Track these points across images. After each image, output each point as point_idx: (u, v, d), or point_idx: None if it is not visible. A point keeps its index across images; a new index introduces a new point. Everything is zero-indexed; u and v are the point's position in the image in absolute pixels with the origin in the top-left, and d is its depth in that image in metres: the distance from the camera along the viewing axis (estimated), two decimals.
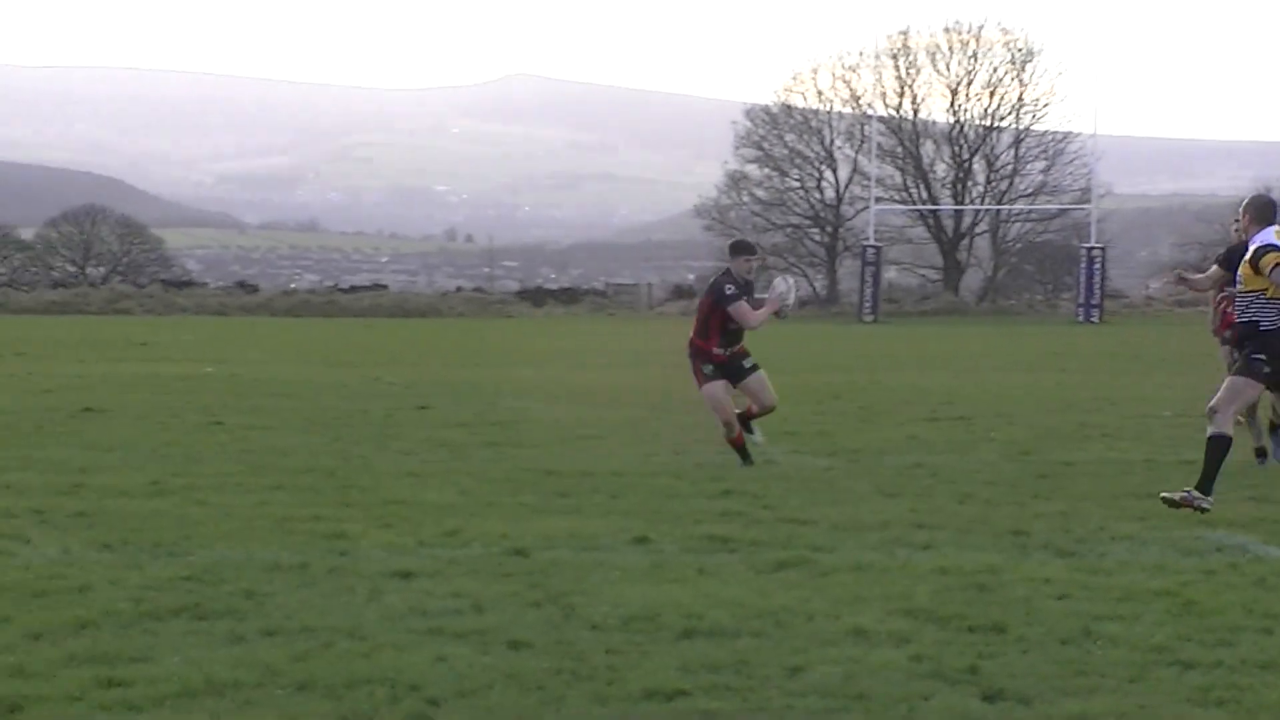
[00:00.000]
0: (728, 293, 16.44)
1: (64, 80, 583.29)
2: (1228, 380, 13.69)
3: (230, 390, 29.47)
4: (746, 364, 16.97)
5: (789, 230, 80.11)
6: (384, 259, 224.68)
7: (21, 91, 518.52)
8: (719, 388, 16.77)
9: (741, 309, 16.47)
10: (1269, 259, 13.29)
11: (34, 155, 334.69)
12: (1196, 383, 21.10)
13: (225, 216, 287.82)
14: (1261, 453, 16.78)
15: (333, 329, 68.11)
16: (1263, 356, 13.49)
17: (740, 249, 17.37)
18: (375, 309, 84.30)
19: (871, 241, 67.04)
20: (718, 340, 16.86)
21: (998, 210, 72.78)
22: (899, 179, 77.70)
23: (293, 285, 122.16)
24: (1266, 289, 13.41)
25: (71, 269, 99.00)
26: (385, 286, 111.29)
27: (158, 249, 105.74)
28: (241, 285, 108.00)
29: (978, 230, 78.19)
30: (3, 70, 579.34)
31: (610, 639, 8.96)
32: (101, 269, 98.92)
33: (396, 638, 8.97)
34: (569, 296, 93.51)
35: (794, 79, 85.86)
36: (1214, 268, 16.48)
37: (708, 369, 16.81)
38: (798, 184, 79.09)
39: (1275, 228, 13.75)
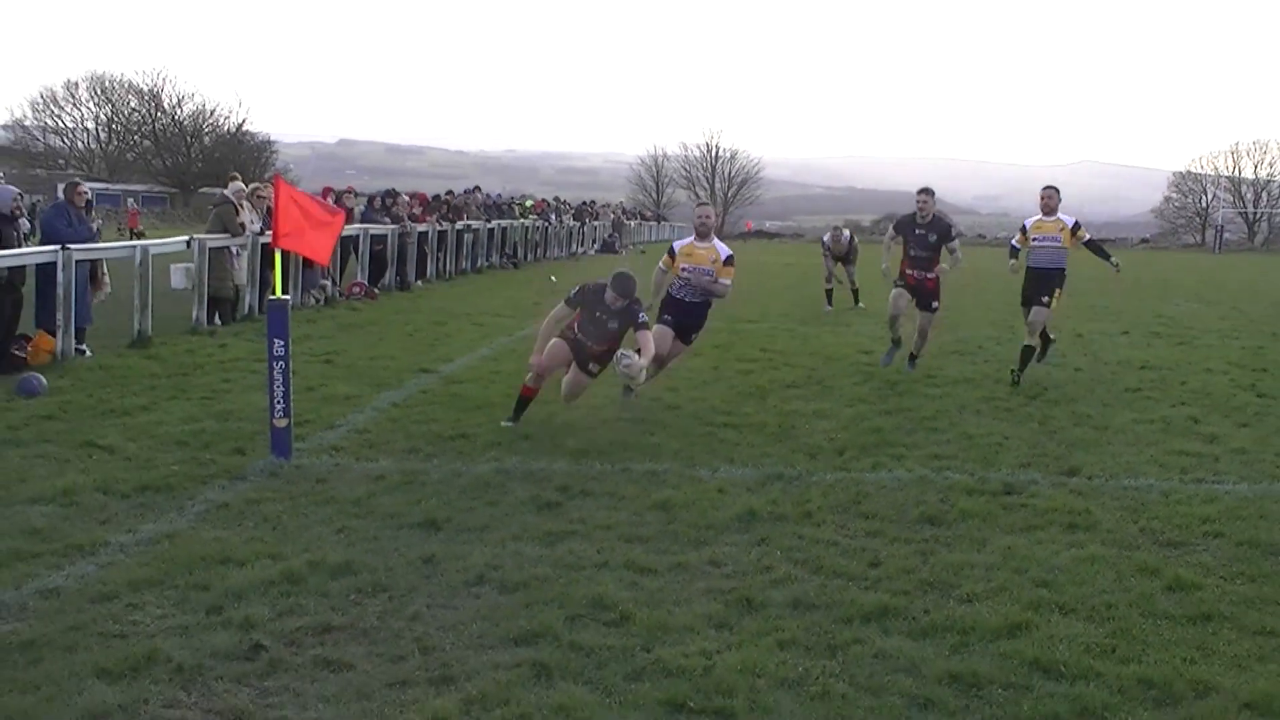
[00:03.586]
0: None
1: None
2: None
3: None
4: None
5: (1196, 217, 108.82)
6: None
7: None
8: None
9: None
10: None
11: None
12: None
13: None
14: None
15: None
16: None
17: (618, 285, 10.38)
18: None
19: (1220, 224, 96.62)
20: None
21: (1271, 211, 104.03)
22: (1231, 199, 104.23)
23: None
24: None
25: None
26: None
27: None
28: None
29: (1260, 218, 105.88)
30: None
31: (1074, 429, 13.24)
32: None
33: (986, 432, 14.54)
34: None
35: (1192, 160, 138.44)
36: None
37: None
38: (1192, 201, 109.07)
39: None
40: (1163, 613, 6.11)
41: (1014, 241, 14.28)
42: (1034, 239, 13.70)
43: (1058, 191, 13.93)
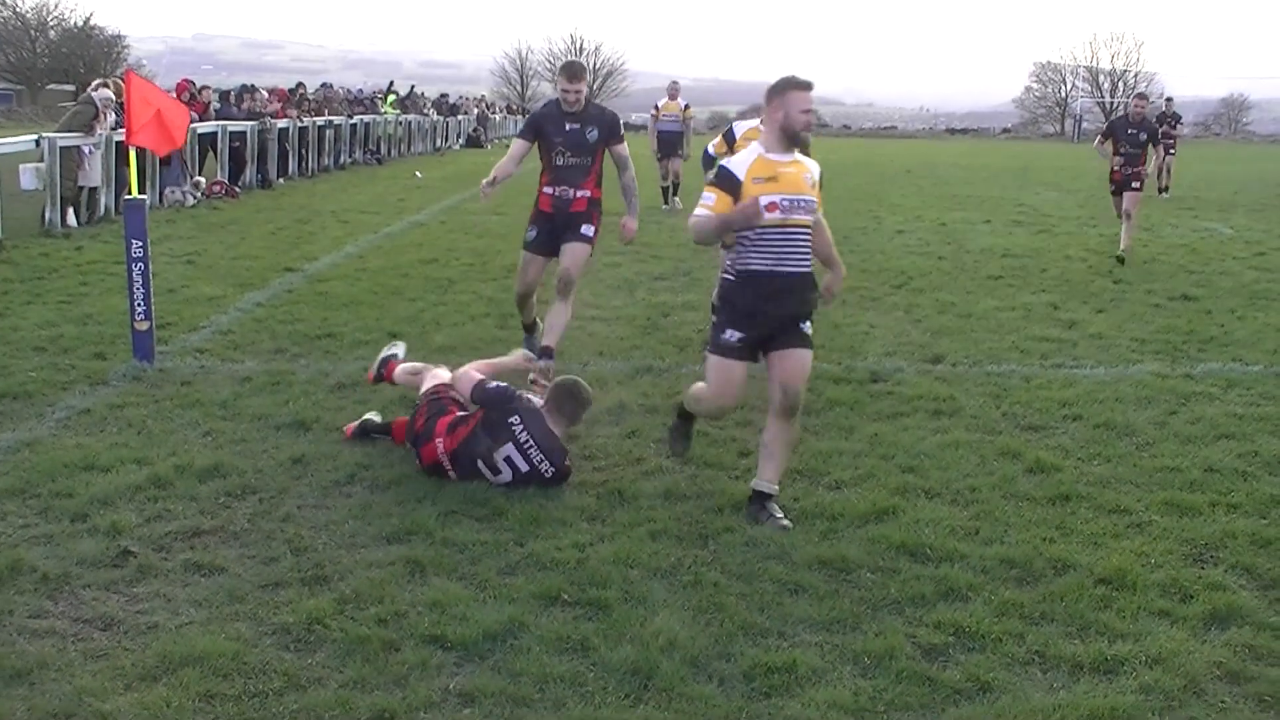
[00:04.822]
0: None
1: None
2: None
3: None
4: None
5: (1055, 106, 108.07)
6: None
7: None
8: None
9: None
10: None
11: None
12: None
13: None
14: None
15: None
16: None
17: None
18: None
19: (1079, 113, 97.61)
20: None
21: (1125, 102, 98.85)
22: (1089, 88, 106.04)
23: None
24: None
25: None
26: None
27: None
28: None
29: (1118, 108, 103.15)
30: None
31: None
32: None
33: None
34: None
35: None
36: None
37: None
38: (1051, 91, 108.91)
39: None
40: (1023, 494, 6.30)
41: (710, 147, 10.14)
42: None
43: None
